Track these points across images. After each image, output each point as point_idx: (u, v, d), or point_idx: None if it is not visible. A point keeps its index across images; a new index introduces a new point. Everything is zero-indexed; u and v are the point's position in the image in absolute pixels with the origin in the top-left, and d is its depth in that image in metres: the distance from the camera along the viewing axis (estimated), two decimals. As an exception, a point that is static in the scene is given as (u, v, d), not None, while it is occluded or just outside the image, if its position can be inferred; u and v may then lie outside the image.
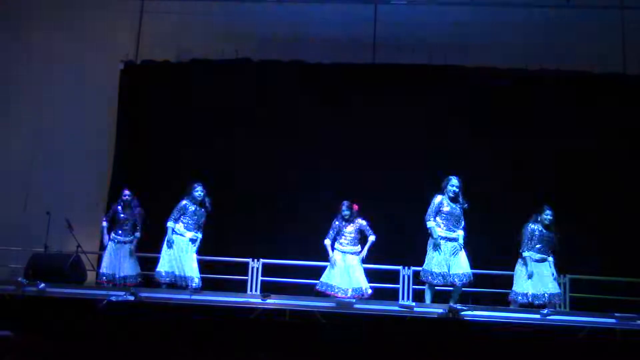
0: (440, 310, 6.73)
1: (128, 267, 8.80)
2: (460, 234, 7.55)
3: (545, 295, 7.46)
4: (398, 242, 10.22)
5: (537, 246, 7.69)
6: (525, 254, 7.66)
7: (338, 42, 11.25)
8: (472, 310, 6.70)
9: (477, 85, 10.92)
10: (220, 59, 11.35)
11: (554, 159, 10.54)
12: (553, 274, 7.64)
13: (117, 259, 8.79)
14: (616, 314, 6.79)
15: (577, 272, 8.71)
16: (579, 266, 8.31)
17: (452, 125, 10.85)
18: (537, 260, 7.65)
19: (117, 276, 8.70)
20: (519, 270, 7.73)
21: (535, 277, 7.56)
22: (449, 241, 7.50)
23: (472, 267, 7.52)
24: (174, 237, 8.24)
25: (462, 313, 6.62)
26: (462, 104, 10.87)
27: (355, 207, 8.53)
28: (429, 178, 10.61)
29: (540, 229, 7.75)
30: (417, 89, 11.03)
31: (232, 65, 11.33)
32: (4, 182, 11.45)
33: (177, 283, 8.08)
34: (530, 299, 7.47)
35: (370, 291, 8.18)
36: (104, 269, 8.75)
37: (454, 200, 7.61)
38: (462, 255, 7.49)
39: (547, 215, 7.79)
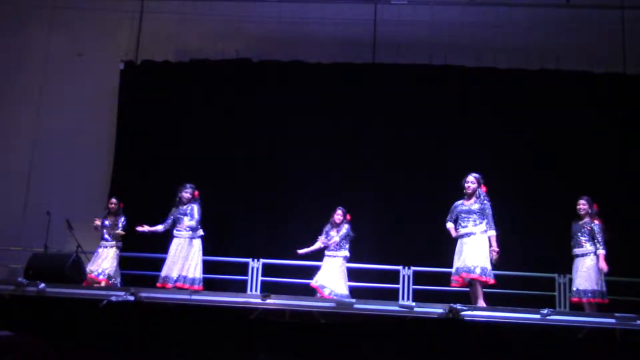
0: (440, 310, 6.71)
1: (110, 267, 8.80)
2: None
3: (580, 291, 7.49)
4: (398, 242, 10.23)
5: (573, 241, 7.67)
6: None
7: (338, 42, 11.27)
8: (472, 310, 6.69)
9: (477, 85, 10.93)
10: (220, 59, 11.36)
11: (553, 159, 10.54)
12: (590, 269, 7.48)
13: (103, 264, 8.80)
14: (616, 314, 6.77)
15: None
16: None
17: (452, 125, 10.86)
18: (578, 255, 7.63)
19: (100, 273, 8.71)
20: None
21: (575, 273, 7.60)
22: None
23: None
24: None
25: (462, 313, 6.61)
26: (462, 104, 10.88)
27: (348, 216, 8.56)
28: (429, 178, 10.70)
29: (575, 221, 7.73)
30: (417, 89, 11.04)
31: (232, 65, 11.34)
32: (4, 182, 11.47)
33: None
34: (579, 295, 7.51)
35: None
36: (90, 266, 8.78)
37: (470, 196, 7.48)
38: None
39: (577, 205, 7.69)
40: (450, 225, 7.54)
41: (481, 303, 7.18)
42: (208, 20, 11.61)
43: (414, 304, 7.14)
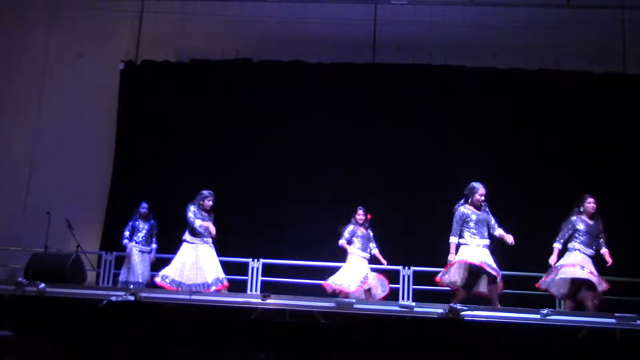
0: (440, 310, 6.72)
1: (147, 274, 8.96)
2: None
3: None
4: (398, 242, 10.22)
5: (582, 238, 7.41)
6: (571, 245, 7.42)
7: (338, 42, 11.26)
8: (472, 310, 6.70)
9: (477, 85, 10.93)
10: (220, 59, 11.36)
11: (553, 159, 10.54)
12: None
13: (140, 267, 8.93)
14: (616, 314, 6.78)
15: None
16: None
17: (452, 125, 10.86)
18: (588, 255, 7.38)
19: (138, 282, 8.80)
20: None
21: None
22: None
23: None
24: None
25: (462, 313, 6.62)
26: (462, 104, 10.88)
27: (369, 216, 8.53)
28: (429, 178, 10.70)
29: (585, 220, 7.48)
30: (417, 89, 11.04)
31: (232, 65, 11.33)
32: (4, 182, 11.46)
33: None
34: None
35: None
36: (126, 277, 8.89)
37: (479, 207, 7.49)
38: None
39: (591, 203, 7.49)
40: (455, 240, 7.44)
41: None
42: (208, 20, 11.59)
43: (414, 304, 7.15)
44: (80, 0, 11.76)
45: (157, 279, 7.90)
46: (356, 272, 8.18)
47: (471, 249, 7.33)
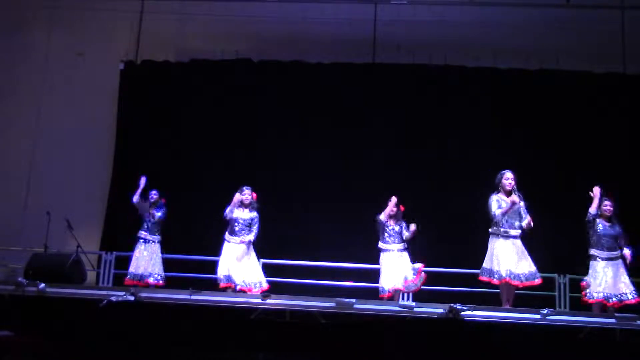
0: (440, 310, 6.71)
1: (153, 265, 8.73)
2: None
3: (621, 295, 7.13)
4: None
5: (602, 242, 7.31)
6: (592, 251, 7.31)
7: (338, 42, 11.27)
8: (472, 310, 6.69)
9: (477, 85, 10.94)
10: (220, 59, 11.36)
11: (553, 159, 10.54)
12: (626, 273, 7.24)
13: (143, 259, 8.69)
14: (616, 314, 6.78)
15: (577, 272, 8.69)
16: (579, 266, 8.27)
17: (451, 125, 10.86)
18: (607, 259, 7.28)
19: (143, 274, 8.62)
20: (591, 270, 7.32)
21: (610, 277, 7.19)
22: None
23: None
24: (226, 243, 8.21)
25: (462, 313, 6.61)
26: (462, 104, 10.88)
27: (402, 207, 8.43)
28: (428, 178, 10.70)
29: (602, 222, 7.40)
30: (417, 89, 11.04)
31: (232, 65, 11.34)
32: (4, 182, 11.47)
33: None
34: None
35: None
36: (133, 269, 8.67)
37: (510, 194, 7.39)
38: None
39: (607, 206, 7.42)
40: (499, 211, 7.30)
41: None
42: (208, 20, 11.61)
43: (414, 304, 7.14)
44: (80, 0, 11.77)
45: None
46: (396, 272, 8.08)
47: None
